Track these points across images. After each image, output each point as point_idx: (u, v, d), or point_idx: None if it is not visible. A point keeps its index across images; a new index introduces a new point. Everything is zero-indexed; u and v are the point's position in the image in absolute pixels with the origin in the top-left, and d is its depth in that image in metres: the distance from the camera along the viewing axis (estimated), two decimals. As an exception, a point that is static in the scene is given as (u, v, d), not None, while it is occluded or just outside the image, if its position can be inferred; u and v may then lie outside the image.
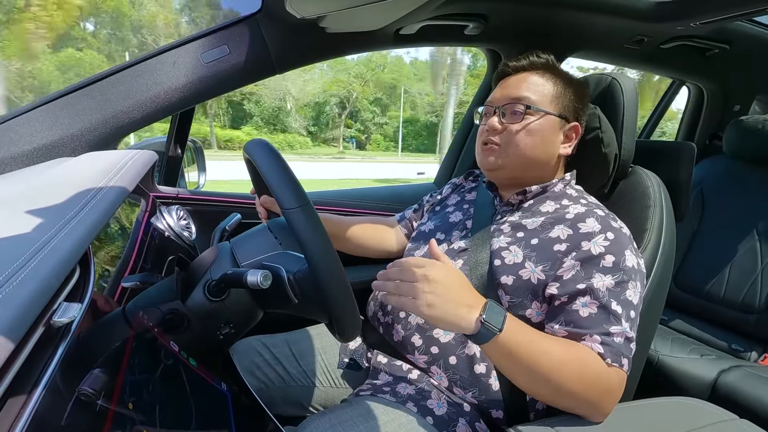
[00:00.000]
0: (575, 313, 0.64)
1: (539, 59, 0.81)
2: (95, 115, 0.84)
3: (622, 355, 0.62)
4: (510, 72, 0.83)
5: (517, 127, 0.77)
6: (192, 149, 1.31)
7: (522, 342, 0.58)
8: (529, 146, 0.77)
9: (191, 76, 0.89)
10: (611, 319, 0.63)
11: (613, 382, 0.61)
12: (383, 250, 1.02)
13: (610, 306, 0.63)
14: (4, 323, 0.29)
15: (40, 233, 0.42)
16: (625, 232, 0.70)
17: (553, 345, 0.60)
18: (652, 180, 0.86)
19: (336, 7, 0.79)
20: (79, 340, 0.48)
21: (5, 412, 0.31)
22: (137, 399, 0.44)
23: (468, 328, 0.56)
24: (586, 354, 0.61)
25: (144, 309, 0.55)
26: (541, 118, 0.77)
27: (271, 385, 0.85)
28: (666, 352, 1.28)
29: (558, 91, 0.79)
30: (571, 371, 0.59)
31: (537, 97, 0.77)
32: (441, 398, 0.72)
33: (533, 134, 0.76)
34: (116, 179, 0.61)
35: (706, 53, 1.49)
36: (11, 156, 0.79)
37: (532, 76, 0.80)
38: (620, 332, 0.62)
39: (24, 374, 0.34)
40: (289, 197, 0.53)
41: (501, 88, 0.82)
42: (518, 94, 0.78)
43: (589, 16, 1.16)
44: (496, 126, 0.78)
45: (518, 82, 0.80)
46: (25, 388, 0.34)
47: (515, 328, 0.58)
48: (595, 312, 0.63)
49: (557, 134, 0.79)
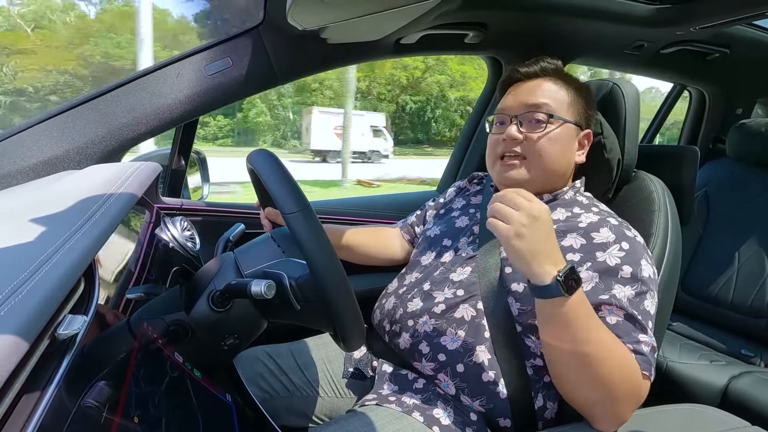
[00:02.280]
0: (603, 320, 0.63)
1: (550, 65, 0.80)
2: (100, 128, 0.85)
3: (650, 363, 0.61)
4: (520, 78, 0.81)
5: (538, 136, 0.74)
6: (196, 160, 1.32)
7: (582, 316, 0.56)
8: (552, 156, 0.75)
9: (195, 89, 0.90)
10: (638, 327, 0.62)
11: (642, 388, 0.60)
12: (387, 258, 1.02)
13: (635, 315, 0.63)
14: (9, 336, 0.29)
15: (46, 246, 0.42)
16: (639, 241, 0.70)
17: (606, 333, 0.59)
18: (656, 184, 0.86)
19: (337, 19, 0.80)
20: (83, 352, 0.48)
21: (11, 424, 0.31)
22: (142, 411, 0.44)
23: (540, 275, 0.55)
24: (629, 354, 0.60)
25: (148, 320, 0.55)
26: (560, 127, 0.75)
27: (276, 396, 0.84)
28: (674, 359, 1.26)
29: (572, 98, 0.78)
30: (613, 363, 0.57)
31: (555, 104, 0.75)
32: (447, 407, 0.71)
33: (555, 143, 0.74)
34: (121, 191, 0.62)
35: (707, 57, 1.49)
36: (18, 169, 0.80)
37: (545, 83, 0.78)
38: (647, 341, 0.62)
39: (29, 386, 0.34)
40: (289, 202, 0.53)
41: (514, 95, 0.79)
42: (536, 101, 0.75)
43: (588, 23, 1.16)
44: (516, 135, 0.75)
45: (533, 88, 0.78)
46: (30, 400, 0.34)
47: (582, 302, 0.57)
48: (622, 320, 0.63)
49: (574, 143, 0.78)
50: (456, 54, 1.34)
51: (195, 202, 1.20)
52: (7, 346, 0.29)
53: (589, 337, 0.56)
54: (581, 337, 0.56)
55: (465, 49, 1.23)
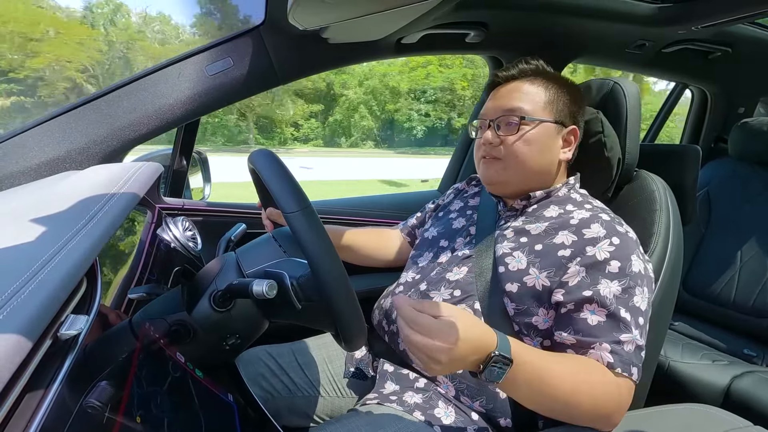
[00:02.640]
0: (583, 322, 0.63)
1: (528, 66, 0.81)
2: (102, 128, 0.85)
3: (632, 363, 0.61)
4: (500, 81, 0.83)
5: (513, 139, 0.76)
6: (197, 160, 1.32)
7: (536, 369, 0.56)
8: (528, 156, 0.76)
9: (196, 89, 0.90)
10: (620, 326, 0.62)
11: (622, 392, 0.60)
12: (387, 260, 1.02)
13: (618, 313, 0.63)
14: (12, 336, 0.29)
15: (48, 246, 0.42)
16: (631, 236, 0.70)
17: (558, 366, 0.59)
18: (657, 184, 0.86)
19: (338, 19, 0.81)
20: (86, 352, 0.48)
21: (14, 424, 0.31)
22: (144, 411, 0.44)
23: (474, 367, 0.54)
24: (594, 368, 0.60)
25: (150, 320, 0.55)
26: (536, 127, 0.76)
27: (277, 396, 0.85)
28: (677, 358, 1.26)
29: (551, 97, 0.78)
30: (579, 390, 0.58)
31: (530, 106, 0.76)
32: (448, 407, 0.71)
33: (531, 144, 0.76)
34: (122, 191, 0.62)
35: (709, 56, 1.49)
36: (21, 170, 0.80)
37: (523, 85, 0.79)
38: (630, 340, 0.62)
39: (32, 386, 0.34)
40: (290, 201, 0.53)
41: (492, 99, 0.81)
42: (510, 105, 0.77)
43: (589, 22, 1.16)
44: (492, 139, 0.77)
45: (509, 92, 0.79)
46: (33, 399, 0.34)
47: (527, 357, 0.56)
48: (604, 320, 0.63)
49: (556, 140, 0.78)
50: (457, 53, 1.33)
51: (196, 202, 1.20)
52: (10, 345, 0.29)
53: (552, 383, 0.57)
54: (546, 389, 0.57)
55: (466, 48, 1.22)
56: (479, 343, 0.53)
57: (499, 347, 0.53)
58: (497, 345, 0.54)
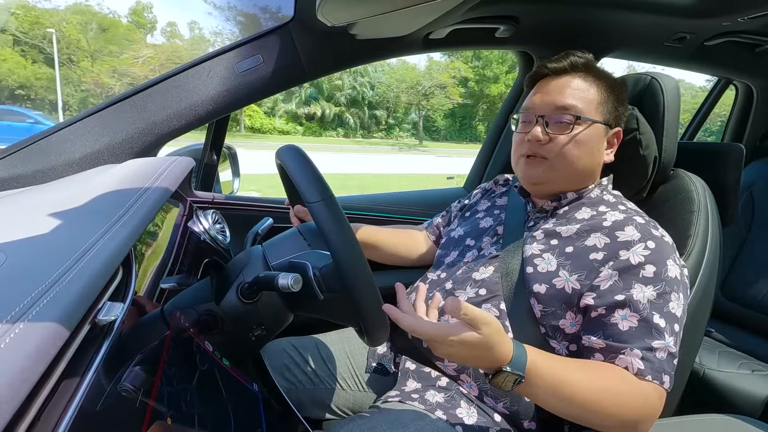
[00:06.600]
0: (614, 327, 0.61)
1: (580, 59, 0.76)
2: (138, 124, 0.89)
3: (663, 371, 0.59)
4: (547, 74, 0.78)
5: (565, 139, 0.72)
6: (227, 155, 1.35)
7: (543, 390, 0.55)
8: (577, 158, 0.73)
9: (226, 85, 0.92)
10: (653, 333, 0.60)
11: (651, 400, 0.58)
12: (412, 258, 1.02)
13: (651, 319, 0.60)
14: (53, 321, 0.31)
15: (87, 236, 0.44)
16: (667, 240, 0.67)
17: (578, 374, 0.57)
18: (696, 184, 0.82)
19: (366, 14, 0.80)
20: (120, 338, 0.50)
21: (55, 403, 0.33)
22: (174, 396, 0.45)
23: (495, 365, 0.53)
24: (618, 376, 0.59)
25: (181, 309, 0.57)
26: (588, 128, 0.72)
27: (300, 387, 0.86)
28: (713, 366, 1.20)
29: (602, 97, 0.74)
30: (601, 398, 0.56)
31: (583, 105, 0.73)
32: (471, 407, 0.71)
33: (581, 145, 0.72)
34: (156, 185, 0.64)
35: (756, 49, 1.40)
36: (63, 163, 0.85)
37: (574, 80, 0.75)
38: (663, 347, 0.59)
39: (71, 370, 0.36)
40: (312, 191, 0.54)
41: (541, 93, 0.77)
42: (563, 102, 0.73)
43: (625, 14, 1.11)
44: (541, 137, 0.73)
45: (561, 87, 0.75)
46: (72, 383, 0.35)
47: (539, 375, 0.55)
48: (636, 325, 0.61)
49: (602, 142, 0.75)
50: (486, 48, 1.31)
51: (226, 196, 1.23)
52: (51, 330, 0.30)
53: (571, 392, 0.55)
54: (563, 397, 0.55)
55: (495, 43, 1.20)
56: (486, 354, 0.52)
57: (512, 363, 0.52)
58: (511, 359, 0.53)
